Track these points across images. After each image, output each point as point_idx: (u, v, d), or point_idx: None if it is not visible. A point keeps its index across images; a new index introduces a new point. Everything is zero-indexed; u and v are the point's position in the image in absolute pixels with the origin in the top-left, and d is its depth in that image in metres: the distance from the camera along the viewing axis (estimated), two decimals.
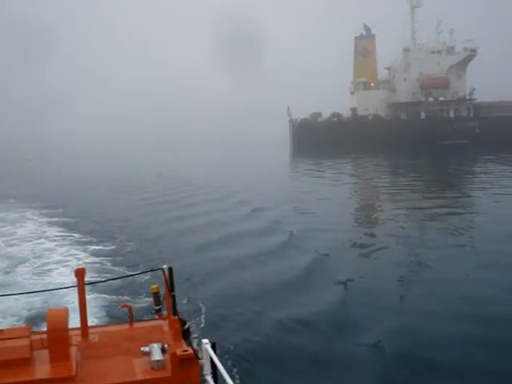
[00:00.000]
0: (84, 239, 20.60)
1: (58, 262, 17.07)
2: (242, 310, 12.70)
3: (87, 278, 6.04)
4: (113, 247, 19.34)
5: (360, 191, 35.39)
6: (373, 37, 77.01)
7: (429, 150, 58.91)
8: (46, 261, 17.44)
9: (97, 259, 17.46)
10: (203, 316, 12.13)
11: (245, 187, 33.85)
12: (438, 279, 14.30)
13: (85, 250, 18.79)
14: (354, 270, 15.54)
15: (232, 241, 19.39)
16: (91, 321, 7.32)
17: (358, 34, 77.51)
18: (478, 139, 62.00)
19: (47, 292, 10.60)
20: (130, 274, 13.11)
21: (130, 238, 20.59)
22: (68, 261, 17.32)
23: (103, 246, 19.55)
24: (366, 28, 77.28)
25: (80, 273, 5.75)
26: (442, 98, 69.13)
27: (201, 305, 12.86)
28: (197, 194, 31.76)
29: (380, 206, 28.59)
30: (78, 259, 17.45)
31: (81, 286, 5.74)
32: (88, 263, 16.23)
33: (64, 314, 4.85)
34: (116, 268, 16.33)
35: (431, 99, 69.38)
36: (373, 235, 20.97)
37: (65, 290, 8.50)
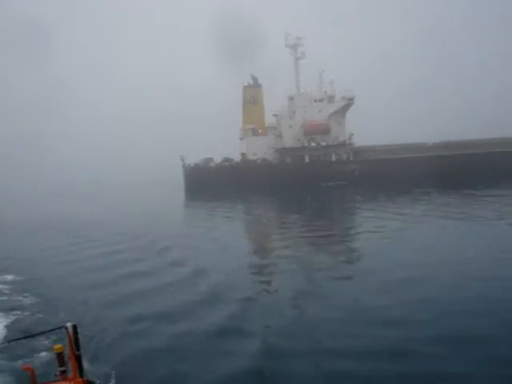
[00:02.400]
0: None
1: None
2: (161, 371, 11.52)
3: None
4: (9, 301, 17.34)
5: (250, 231, 35.94)
6: (260, 86, 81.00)
7: (313, 191, 62.15)
8: None
9: None
10: (114, 377, 11.07)
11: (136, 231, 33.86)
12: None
13: None
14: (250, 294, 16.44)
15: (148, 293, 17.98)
16: None
17: (246, 84, 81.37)
18: (357, 180, 66.63)
19: None
20: (30, 334, 11.68)
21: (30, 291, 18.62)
22: None
23: None
24: (254, 78, 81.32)
25: None
26: (323, 143, 73.86)
27: (112, 365, 11.72)
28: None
29: (269, 244, 29.36)
30: None
31: None
32: None
33: None
34: (14, 326, 14.64)
35: (314, 144, 73.94)
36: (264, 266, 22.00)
37: None
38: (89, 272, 21.21)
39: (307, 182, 65.56)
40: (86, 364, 8.82)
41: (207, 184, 67.52)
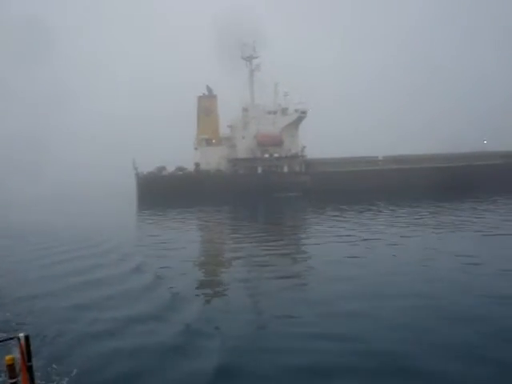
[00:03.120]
0: None
1: None
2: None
3: None
4: None
5: (202, 240, 35.80)
6: (214, 97, 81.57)
7: (265, 202, 62.91)
8: None
9: None
10: None
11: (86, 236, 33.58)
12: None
13: None
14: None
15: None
16: None
17: (201, 94, 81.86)
18: (309, 191, 67.91)
19: None
20: None
21: None
22: None
23: None
24: (209, 89, 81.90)
25: None
26: (276, 155, 75.07)
27: (65, 375, 11.01)
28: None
29: (221, 252, 29.29)
30: None
31: None
32: None
33: None
34: None
35: (267, 155, 74.99)
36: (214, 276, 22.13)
37: None
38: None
39: (260, 193, 66.47)
40: (37, 375, 8.79)
41: (160, 193, 67.44)
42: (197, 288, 18.83)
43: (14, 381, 5.45)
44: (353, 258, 22.51)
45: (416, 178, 67.49)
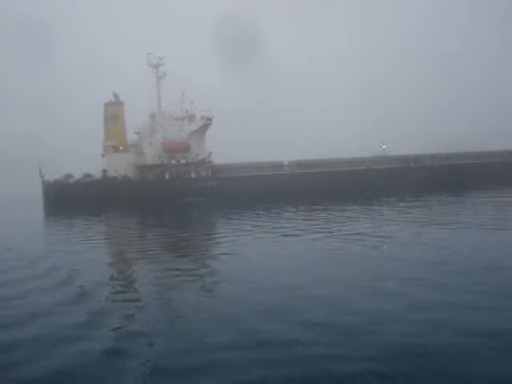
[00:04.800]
0: None
1: None
2: None
3: None
4: None
5: (109, 247, 35.37)
6: (121, 103, 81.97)
7: (173, 207, 64.28)
8: None
9: None
10: None
11: None
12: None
13: None
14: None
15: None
16: None
17: (108, 101, 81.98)
18: (215, 196, 70.00)
19: None
20: None
21: None
22: None
23: None
24: (115, 95, 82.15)
25: None
26: (183, 161, 76.77)
27: None
28: None
29: (127, 258, 29.06)
30: None
31: None
32: None
33: None
34: None
35: (174, 162, 76.48)
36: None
37: None
38: None
39: (168, 199, 67.81)
40: None
41: (67, 201, 67.06)
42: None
43: None
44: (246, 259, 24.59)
45: (313, 182, 71.41)
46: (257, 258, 24.31)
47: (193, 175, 76.74)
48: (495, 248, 23.01)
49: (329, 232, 31.90)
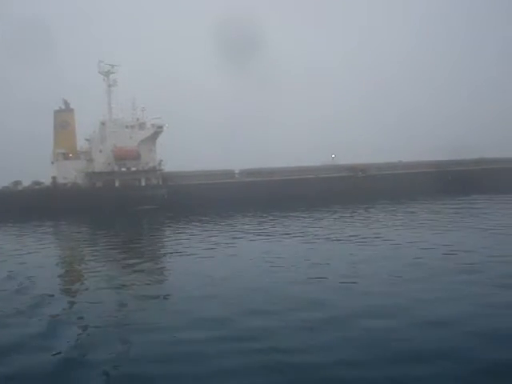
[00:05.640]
0: None
1: None
2: None
3: None
4: None
5: (58, 255, 35.59)
6: (71, 110, 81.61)
7: (123, 215, 64.26)
8: None
9: None
10: None
11: None
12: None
13: None
14: None
15: None
16: None
17: (58, 108, 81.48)
18: (166, 204, 70.41)
19: None
20: None
21: None
22: None
23: None
24: (65, 103, 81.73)
25: None
26: (134, 168, 76.95)
27: None
28: None
29: (77, 267, 29.66)
30: None
31: None
32: None
33: None
34: None
35: (124, 169, 76.58)
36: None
37: None
38: None
39: (118, 206, 67.67)
40: None
41: (15, 208, 66.06)
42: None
43: None
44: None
45: (264, 190, 72.63)
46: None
47: (143, 183, 76.96)
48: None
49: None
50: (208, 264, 26.07)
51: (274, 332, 14.48)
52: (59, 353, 13.58)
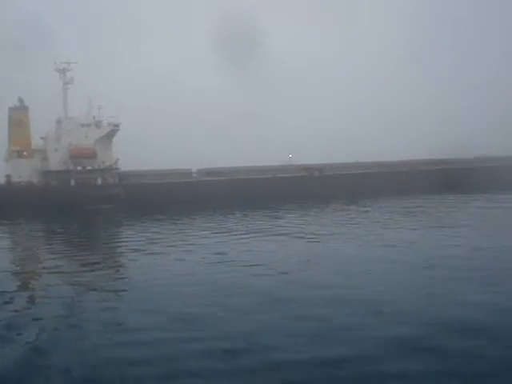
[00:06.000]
0: None
1: None
2: None
3: None
4: None
5: (11, 255, 35.63)
6: (26, 108, 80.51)
7: (79, 214, 64.12)
8: None
9: None
10: None
11: None
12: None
13: None
14: None
15: None
16: None
17: (13, 106, 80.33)
18: (122, 203, 70.49)
19: None
20: None
21: None
22: None
23: None
24: (20, 100, 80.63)
25: None
26: (89, 167, 76.73)
27: None
28: None
29: (32, 267, 29.83)
30: None
31: None
32: None
33: None
34: None
35: (80, 168, 76.27)
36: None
37: None
38: None
39: (73, 205, 67.33)
40: None
41: None
42: None
43: None
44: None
45: (221, 190, 73.38)
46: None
47: (99, 182, 76.75)
48: None
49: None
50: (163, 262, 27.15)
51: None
52: (13, 354, 13.98)
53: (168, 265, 26.46)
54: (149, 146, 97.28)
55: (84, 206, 68.49)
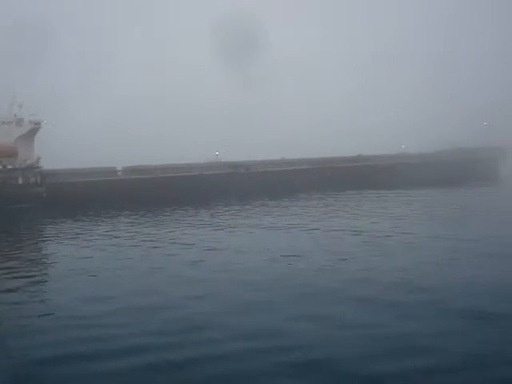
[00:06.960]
0: None
1: None
2: None
3: None
4: None
5: None
6: None
7: None
8: None
9: None
10: None
11: None
12: None
13: None
14: None
15: None
16: None
17: None
18: (45, 203, 69.24)
19: None
20: None
21: None
22: None
23: None
24: None
25: None
26: (10, 166, 74.73)
27: None
28: None
29: None
30: None
31: None
32: None
33: None
34: None
35: (0, 167, 74.15)
36: None
37: None
38: None
39: None
40: None
41: None
42: None
43: None
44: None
45: (145, 188, 73.50)
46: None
47: (20, 181, 74.91)
48: None
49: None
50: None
51: None
52: None
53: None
54: (73, 146, 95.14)
55: (5, 206, 66.72)
